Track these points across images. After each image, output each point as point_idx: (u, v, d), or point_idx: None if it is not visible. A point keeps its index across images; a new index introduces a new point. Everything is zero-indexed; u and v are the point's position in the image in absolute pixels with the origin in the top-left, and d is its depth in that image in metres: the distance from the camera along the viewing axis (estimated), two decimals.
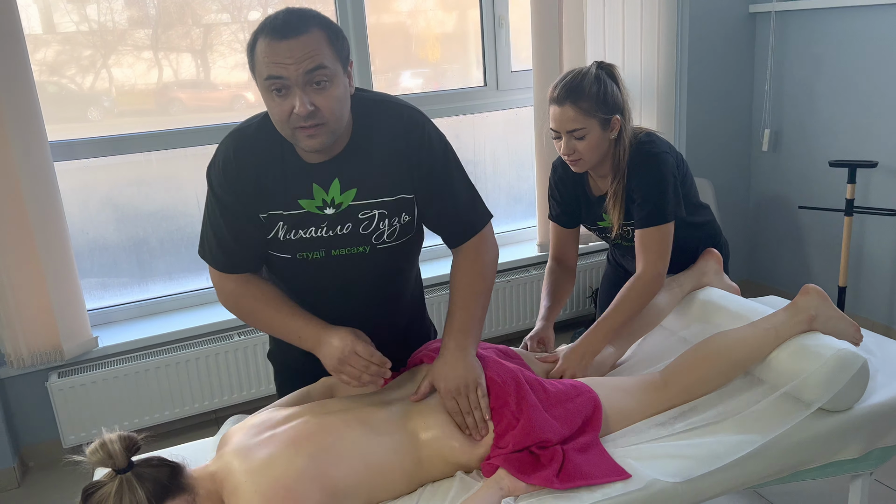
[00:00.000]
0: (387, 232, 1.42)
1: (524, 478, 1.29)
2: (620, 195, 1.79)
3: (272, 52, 1.23)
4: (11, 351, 2.43)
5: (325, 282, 1.46)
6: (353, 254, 1.42)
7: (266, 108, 1.32)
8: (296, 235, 1.39)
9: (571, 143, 1.73)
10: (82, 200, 2.65)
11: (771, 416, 1.45)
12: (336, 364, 1.35)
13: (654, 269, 1.74)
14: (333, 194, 1.37)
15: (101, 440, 1.17)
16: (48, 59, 2.49)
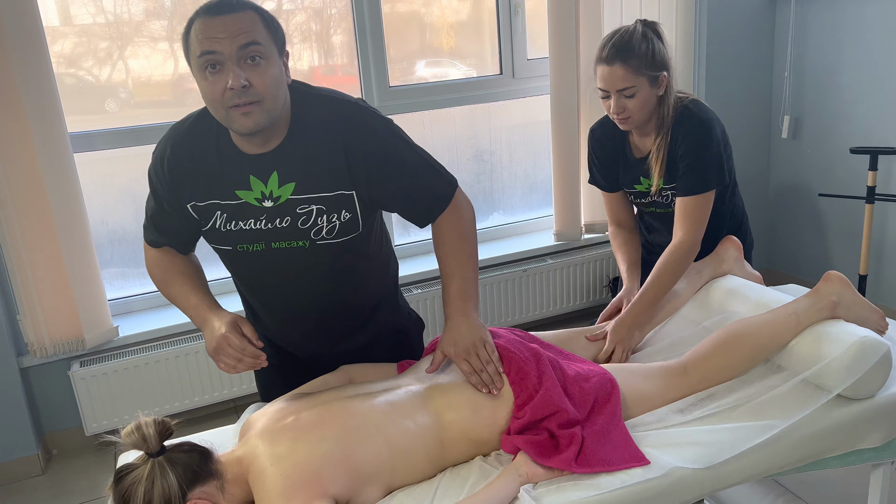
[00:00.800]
0: (325, 228, 1.40)
1: (543, 461, 1.29)
2: (664, 151, 1.81)
3: (206, 28, 1.25)
4: (34, 340, 2.47)
5: (270, 275, 1.48)
6: (292, 247, 1.42)
7: (202, 97, 1.32)
8: (235, 226, 1.40)
9: (621, 102, 1.75)
10: (101, 191, 2.67)
11: (791, 402, 1.44)
12: (212, 352, 1.40)
13: (692, 236, 1.78)
14: (272, 187, 1.37)
15: (136, 423, 1.18)
16: (66, 51, 2.51)
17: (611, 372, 1.47)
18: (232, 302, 2.80)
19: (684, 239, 1.78)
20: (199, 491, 1.20)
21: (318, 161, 1.36)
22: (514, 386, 1.38)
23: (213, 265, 2.87)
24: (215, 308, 1.45)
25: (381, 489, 1.27)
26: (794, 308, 1.55)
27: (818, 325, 1.52)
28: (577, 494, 1.25)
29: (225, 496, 1.23)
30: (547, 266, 3.21)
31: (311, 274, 1.47)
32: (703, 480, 1.32)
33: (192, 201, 1.41)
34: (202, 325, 1.44)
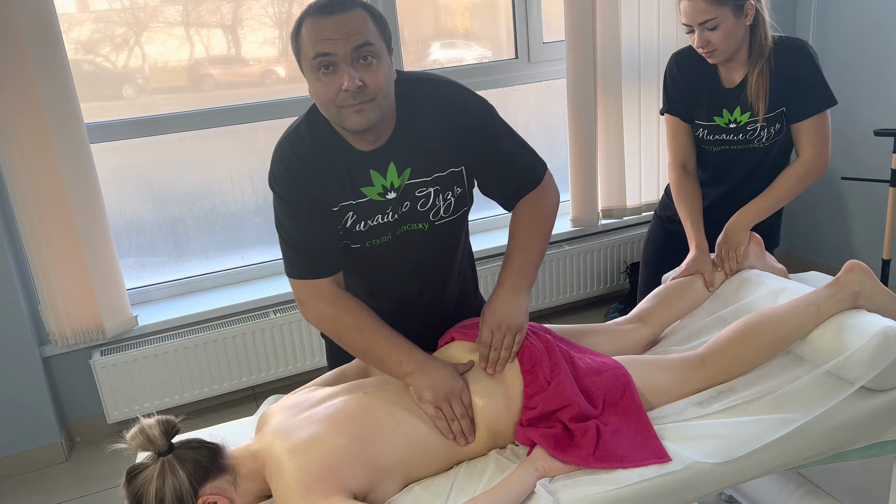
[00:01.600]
0: (443, 207, 1.44)
1: (559, 455, 1.28)
2: (766, 79, 1.80)
3: (319, 29, 1.24)
4: (55, 330, 2.50)
5: (389, 264, 1.48)
6: (413, 230, 1.45)
7: (312, 96, 1.31)
8: (365, 226, 1.41)
9: (704, 35, 1.75)
10: (118, 181, 2.69)
11: (813, 395, 1.42)
12: (442, 397, 1.33)
13: (824, 157, 1.83)
14: (391, 178, 1.39)
15: (139, 426, 1.20)
16: (82, 37, 2.51)
17: (626, 365, 1.45)
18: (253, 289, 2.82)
19: (815, 156, 1.82)
20: (210, 486, 1.21)
21: (427, 144, 1.39)
22: (525, 374, 1.38)
23: (231, 253, 2.90)
24: (426, 353, 1.40)
25: (398, 483, 1.27)
26: (815, 298, 1.52)
27: (839, 316, 1.50)
28: (594, 489, 1.24)
29: (238, 490, 1.24)
30: (564, 252, 3.19)
31: (426, 254, 1.50)
32: (722, 474, 1.31)
33: (330, 206, 1.39)
34: (419, 369, 1.36)
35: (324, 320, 1.43)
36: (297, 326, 2.79)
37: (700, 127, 1.95)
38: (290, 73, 2.81)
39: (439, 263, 1.55)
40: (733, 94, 1.87)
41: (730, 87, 1.89)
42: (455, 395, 1.35)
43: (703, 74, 1.92)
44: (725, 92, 1.89)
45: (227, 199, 2.85)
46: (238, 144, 2.80)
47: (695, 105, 1.95)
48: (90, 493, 2.44)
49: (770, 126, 1.87)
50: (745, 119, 1.86)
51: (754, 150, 1.93)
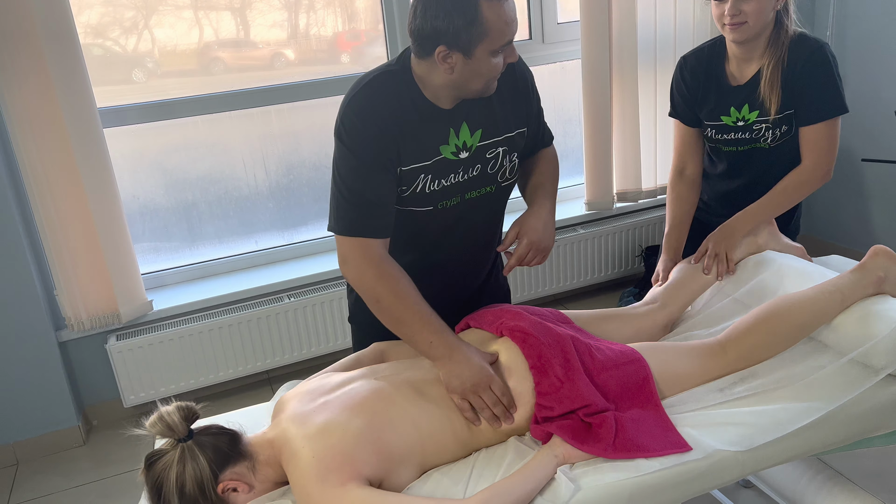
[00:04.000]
0: (509, 168, 1.49)
1: (578, 445, 1.27)
2: (778, 79, 1.75)
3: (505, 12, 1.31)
4: (71, 315, 2.51)
5: (452, 229, 1.49)
6: (482, 195, 1.48)
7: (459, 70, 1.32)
8: (439, 186, 1.41)
9: (738, 4, 1.68)
10: (131, 166, 2.68)
11: (837, 382, 1.40)
12: (469, 388, 1.31)
13: (823, 167, 1.77)
14: (464, 137, 1.40)
15: (158, 413, 1.19)
16: (92, 21, 2.50)
17: (646, 352, 1.44)
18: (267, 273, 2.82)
19: (814, 164, 1.76)
20: (230, 472, 1.21)
21: (497, 104, 1.43)
22: (534, 371, 1.36)
23: (245, 237, 2.89)
24: (459, 339, 1.38)
25: (414, 470, 1.27)
26: (839, 284, 1.50)
27: (864, 302, 1.47)
28: (614, 476, 1.23)
29: (257, 477, 1.24)
30: (578, 236, 3.16)
31: (488, 217, 1.55)
32: (743, 462, 1.29)
33: (399, 166, 1.38)
34: (447, 355, 1.33)
35: (364, 281, 1.38)
36: (311, 311, 2.79)
37: (708, 127, 1.90)
38: (299, 56, 2.79)
39: (492, 229, 1.58)
40: (742, 92, 1.82)
41: (738, 83, 1.83)
42: (483, 386, 1.32)
43: (709, 74, 1.86)
44: (733, 90, 1.83)
45: (241, 184, 2.84)
46: (251, 128, 2.79)
47: (702, 106, 1.89)
48: (108, 477, 2.46)
49: (776, 128, 1.81)
50: (754, 117, 1.81)
51: (762, 151, 1.87)
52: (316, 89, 2.78)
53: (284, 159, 2.87)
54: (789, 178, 1.80)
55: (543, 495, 1.21)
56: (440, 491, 1.23)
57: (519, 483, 1.19)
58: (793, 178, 1.79)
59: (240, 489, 1.21)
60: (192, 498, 1.17)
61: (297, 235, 2.98)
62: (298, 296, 2.79)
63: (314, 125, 2.88)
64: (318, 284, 2.85)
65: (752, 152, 1.88)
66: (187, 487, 1.16)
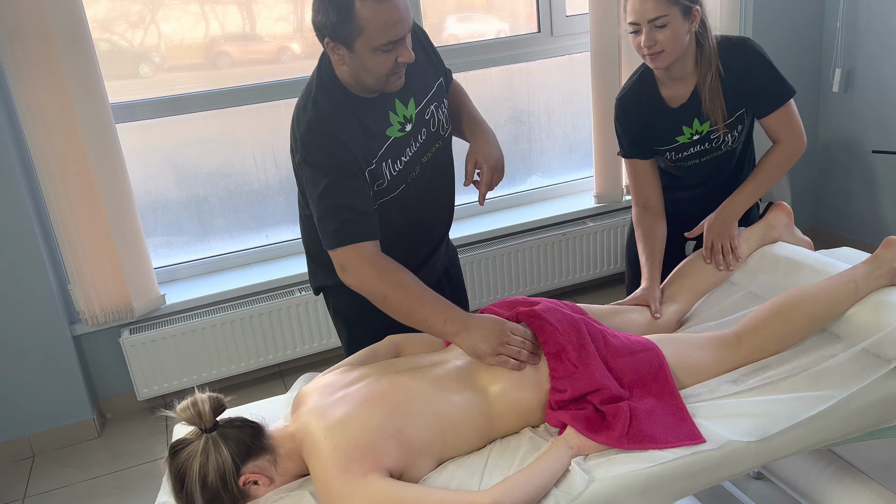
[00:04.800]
0: (444, 119, 1.60)
1: (592, 436, 1.28)
2: (718, 89, 1.77)
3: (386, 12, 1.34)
4: (85, 309, 2.53)
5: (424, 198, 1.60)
6: (434, 153, 1.59)
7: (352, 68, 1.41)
8: (401, 164, 1.51)
9: (652, 35, 1.70)
10: (143, 161, 2.70)
11: (849, 372, 1.40)
12: (496, 343, 1.36)
13: (801, 138, 1.81)
14: (402, 112, 1.51)
15: (192, 399, 1.21)
16: (99, 16, 2.51)
17: (660, 344, 1.44)
18: (278, 267, 2.83)
19: (793, 138, 1.81)
20: (252, 465, 1.22)
21: (415, 68, 1.53)
22: (549, 356, 1.37)
23: (255, 232, 2.91)
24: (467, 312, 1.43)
25: (432, 461, 1.28)
26: (853, 275, 1.50)
27: (877, 293, 1.48)
28: (628, 467, 1.24)
29: (278, 470, 1.25)
30: (588, 229, 3.17)
31: (445, 169, 1.64)
32: (756, 452, 1.30)
33: (366, 168, 1.47)
34: (463, 327, 1.38)
35: (366, 282, 1.43)
36: (323, 304, 2.81)
37: (666, 151, 1.90)
38: (304, 50, 2.79)
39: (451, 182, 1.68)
40: (687, 109, 1.83)
41: (681, 103, 1.83)
42: (505, 332, 1.37)
43: (650, 104, 1.87)
44: (677, 111, 1.84)
45: (251, 178, 2.85)
46: (260, 122, 2.80)
47: (649, 137, 1.90)
48: (123, 469, 2.49)
49: (733, 129, 1.83)
50: (707, 128, 1.82)
51: (724, 154, 1.89)
52: None
53: None
54: (773, 157, 1.82)
55: (559, 487, 1.22)
56: (455, 482, 1.25)
57: (534, 475, 1.20)
58: (777, 156, 1.82)
59: (260, 482, 1.23)
60: (213, 489, 1.18)
61: None
62: (309, 289, 2.80)
63: None
64: None
65: (716, 158, 1.89)
66: (210, 478, 1.18)
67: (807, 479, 1.72)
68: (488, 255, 3.01)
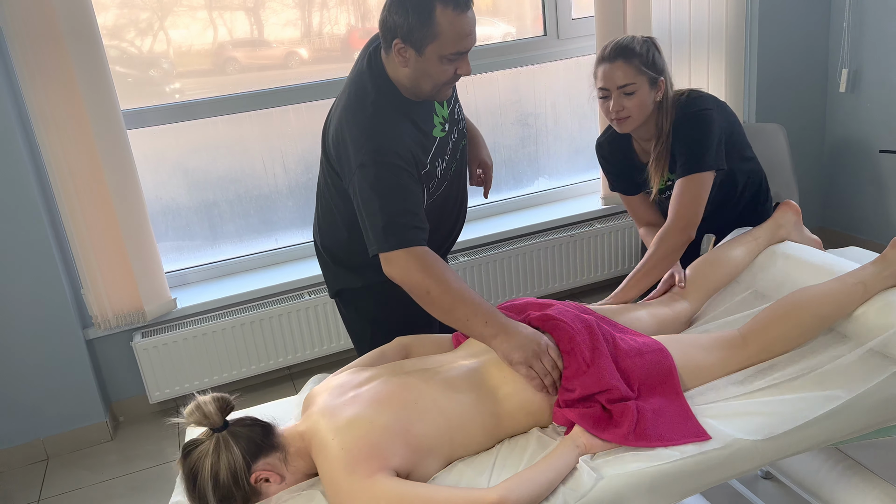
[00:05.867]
0: (461, 116, 1.73)
1: (599, 434, 1.30)
2: (664, 158, 1.84)
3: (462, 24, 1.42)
4: (98, 313, 2.56)
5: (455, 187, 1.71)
6: (462, 147, 1.72)
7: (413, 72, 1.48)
8: (445, 162, 1.64)
9: (620, 101, 1.78)
10: (153, 167, 2.73)
11: (856, 372, 1.41)
12: (531, 355, 1.37)
13: (681, 221, 1.77)
14: (441, 112, 1.63)
15: (195, 402, 1.23)
16: (108, 23, 2.54)
17: (668, 345, 1.45)
18: (288, 271, 2.86)
19: (673, 218, 1.77)
20: (263, 462, 1.24)
21: None
22: (565, 355, 1.39)
23: (265, 236, 2.93)
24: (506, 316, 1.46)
25: (440, 461, 1.30)
26: (861, 276, 1.51)
27: (884, 293, 1.48)
28: (635, 465, 1.25)
29: (289, 468, 1.27)
30: (595, 231, 3.18)
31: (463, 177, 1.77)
32: (763, 451, 1.31)
33: (422, 169, 1.55)
34: (503, 330, 1.40)
35: (411, 277, 1.45)
36: (332, 307, 2.83)
37: (650, 192, 1.97)
38: (312, 55, 2.82)
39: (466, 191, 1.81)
40: None
41: (647, 160, 1.91)
42: (543, 351, 1.39)
43: (624, 156, 1.98)
44: (644, 166, 1.92)
45: (260, 183, 2.88)
46: (269, 128, 2.83)
47: (631, 178, 1.99)
48: (136, 471, 2.51)
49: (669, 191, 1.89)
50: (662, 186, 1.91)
51: None
52: (334, 89, 2.81)
53: (303, 158, 2.91)
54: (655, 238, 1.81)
55: (566, 484, 1.23)
56: (464, 481, 1.26)
57: (542, 473, 1.21)
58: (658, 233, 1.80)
59: (272, 480, 1.25)
60: (225, 487, 1.20)
61: None
62: (319, 292, 2.83)
63: None
64: None
65: None
66: (221, 477, 1.20)
67: (815, 478, 1.72)
68: (496, 257, 3.02)
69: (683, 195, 1.77)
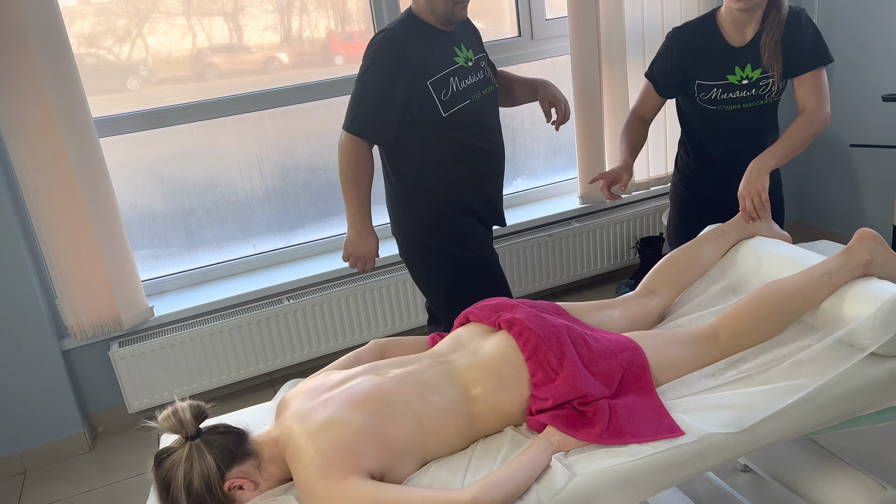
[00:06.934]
0: (492, 73, 2.12)
1: (572, 433, 1.30)
2: (778, 43, 1.93)
3: None
4: (74, 323, 2.54)
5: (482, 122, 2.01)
6: (490, 93, 2.05)
7: None
8: (465, 84, 1.97)
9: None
10: (128, 174, 2.71)
11: (824, 361, 1.43)
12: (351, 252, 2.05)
13: (826, 107, 1.96)
14: (465, 53, 2.00)
15: (172, 408, 1.22)
16: (84, 31, 2.52)
17: (640, 341, 1.46)
18: (266, 277, 2.85)
19: (818, 108, 1.94)
20: (236, 470, 1.24)
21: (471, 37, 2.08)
22: (529, 363, 1.39)
23: (243, 242, 2.92)
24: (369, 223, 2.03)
25: (415, 463, 1.30)
26: (827, 268, 1.53)
27: (851, 285, 1.50)
28: (609, 462, 1.26)
29: (263, 475, 1.27)
30: (573, 229, 3.19)
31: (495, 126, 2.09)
32: (735, 443, 1.32)
33: (430, 78, 1.91)
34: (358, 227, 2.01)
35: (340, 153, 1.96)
36: (311, 312, 2.82)
37: (713, 88, 2.02)
38: (292, 60, 2.81)
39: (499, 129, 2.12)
40: (744, 52, 1.98)
41: (739, 45, 1.98)
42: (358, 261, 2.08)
43: (706, 39, 2.02)
44: (734, 50, 1.99)
45: (237, 188, 2.87)
46: (245, 133, 2.82)
47: (693, 71, 2.04)
48: (116, 481, 2.49)
49: (782, 80, 2.00)
50: (757, 75, 1.98)
51: (763, 107, 2.04)
52: (310, 92, 2.81)
53: (279, 163, 2.90)
54: (798, 122, 1.94)
55: (540, 483, 1.23)
56: (439, 482, 1.26)
57: (515, 471, 1.22)
58: (801, 121, 1.94)
59: (246, 487, 1.24)
60: (199, 495, 1.20)
61: (295, 238, 3.01)
62: (298, 297, 2.82)
63: (308, 128, 2.91)
64: (317, 286, 2.88)
65: (755, 109, 2.03)
66: (195, 485, 1.19)
67: (791, 470, 1.75)
68: None
69: (823, 85, 1.96)
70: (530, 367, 1.38)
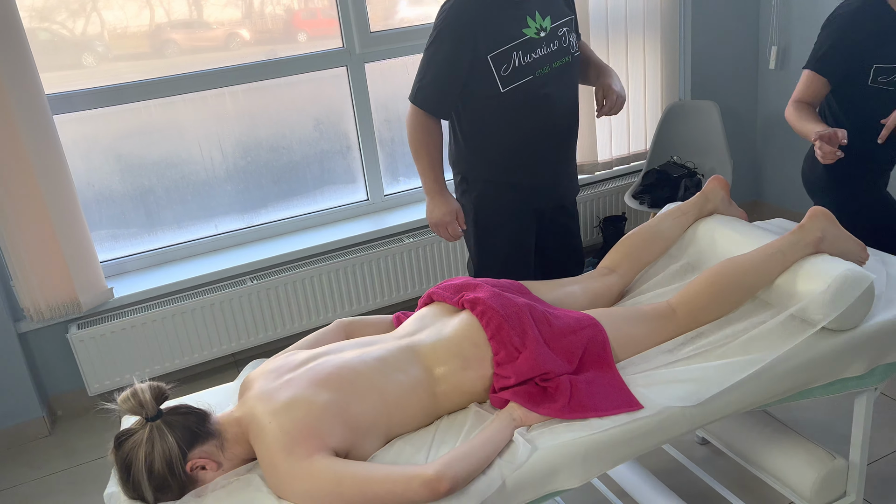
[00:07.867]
0: (573, 42, 1.98)
1: (534, 408, 1.32)
2: None
3: None
4: (30, 305, 2.48)
5: (550, 95, 1.93)
6: (563, 64, 1.96)
7: None
8: (530, 58, 1.89)
9: None
10: (84, 153, 2.64)
11: (777, 336, 1.47)
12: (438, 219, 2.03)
13: None
14: (539, 22, 1.91)
15: (132, 389, 1.21)
16: (36, 4, 2.44)
17: (601, 319, 1.49)
18: (228, 257, 2.81)
19: None
20: (198, 451, 1.23)
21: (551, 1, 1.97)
22: (492, 342, 1.40)
23: (205, 221, 2.88)
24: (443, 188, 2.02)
25: (379, 440, 1.31)
26: (780, 245, 1.57)
27: (803, 261, 1.55)
28: (569, 436, 1.29)
29: (225, 455, 1.26)
30: None
31: (570, 84, 2.00)
32: (692, 416, 1.36)
33: (491, 52, 1.86)
34: (431, 194, 2.01)
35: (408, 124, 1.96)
36: (275, 293, 2.80)
37: (887, 69, 2.01)
38: (254, 36, 2.76)
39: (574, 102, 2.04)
40: None
41: None
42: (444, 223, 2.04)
43: (885, 19, 1.98)
44: None
45: (197, 168, 2.82)
46: (205, 111, 2.77)
47: (871, 52, 2.00)
48: (76, 465, 2.46)
49: None
50: None
51: None
52: (272, 69, 2.77)
53: (241, 142, 2.86)
54: None
55: (502, 457, 1.25)
56: (403, 458, 1.28)
57: (478, 447, 1.24)
58: None
59: (208, 467, 1.24)
60: (160, 476, 1.19)
61: (257, 218, 2.98)
62: (261, 278, 2.80)
63: (269, 106, 2.87)
64: (280, 266, 2.86)
65: None
66: (156, 466, 1.19)
67: (746, 441, 1.81)
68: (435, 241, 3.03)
69: None
70: (493, 346, 1.40)
